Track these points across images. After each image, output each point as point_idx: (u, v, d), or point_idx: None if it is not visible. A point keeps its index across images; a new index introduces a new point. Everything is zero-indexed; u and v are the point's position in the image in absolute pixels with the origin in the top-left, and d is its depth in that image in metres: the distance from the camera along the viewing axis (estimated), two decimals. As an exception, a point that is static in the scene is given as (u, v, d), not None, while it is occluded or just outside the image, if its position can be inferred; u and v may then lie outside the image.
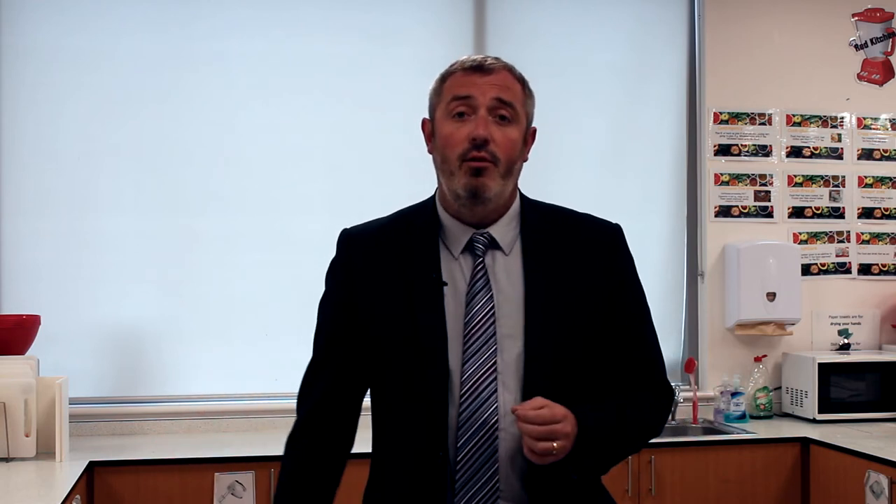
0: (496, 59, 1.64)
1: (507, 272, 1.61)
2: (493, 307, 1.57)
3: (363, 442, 1.73)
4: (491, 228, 1.62)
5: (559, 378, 1.55)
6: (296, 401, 1.74)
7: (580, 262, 1.62)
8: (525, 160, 1.66)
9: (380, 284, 1.63)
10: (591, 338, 1.59)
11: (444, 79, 1.67)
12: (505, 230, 1.63)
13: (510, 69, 1.63)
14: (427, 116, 1.69)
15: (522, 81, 1.64)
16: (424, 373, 1.54)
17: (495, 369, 1.54)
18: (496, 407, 1.52)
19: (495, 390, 1.53)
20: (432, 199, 1.70)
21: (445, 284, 1.59)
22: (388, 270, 1.63)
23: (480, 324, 1.56)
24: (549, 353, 1.54)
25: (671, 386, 1.69)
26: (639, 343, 1.65)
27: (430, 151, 1.67)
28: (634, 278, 1.68)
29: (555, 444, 1.44)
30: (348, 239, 1.74)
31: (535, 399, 1.47)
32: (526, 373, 1.54)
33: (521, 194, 1.69)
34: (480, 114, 1.57)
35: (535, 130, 1.67)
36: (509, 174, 1.59)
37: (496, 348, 1.55)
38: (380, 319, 1.60)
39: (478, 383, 1.53)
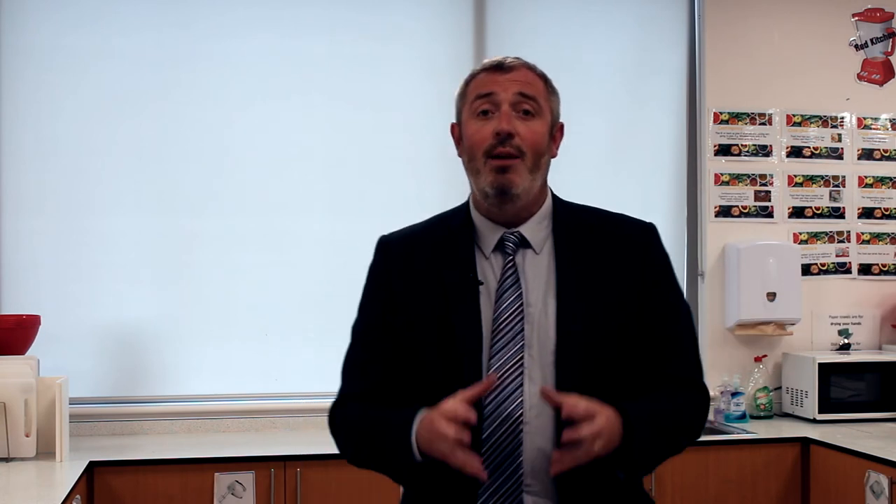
0: (516, 58, 1.67)
1: (538, 270, 1.62)
2: (521, 305, 1.58)
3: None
4: (521, 227, 1.64)
5: (589, 374, 1.55)
6: (330, 408, 1.71)
7: (612, 260, 1.63)
8: (554, 156, 1.69)
9: (417, 286, 1.64)
10: (622, 336, 1.59)
11: (467, 82, 1.71)
12: (536, 229, 1.65)
13: (531, 67, 1.67)
14: (455, 121, 1.73)
15: (544, 78, 1.67)
16: (459, 372, 1.55)
17: (522, 364, 1.54)
18: (521, 401, 1.53)
19: (521, 384, 1.53)
20: (466, 202, 1.72)
21: (482, 283, 1.60)
22: (424, 272, 1.64)
23: (508, 320, 1.57)
24: (580, 349, 1.54)
25: (706, 387, 1.68)
26: (675, 342, 1.64)
27: (459, 155, 1.71)
28: (670, 277, 1.67)
29: (586, 432, 1.42)
30: (386, 244, 1.75)
31: (574, 397, 1.46)
32: (557, 369, 1.54)
33: (553, 194, 1.71)
34: (503, 109, 1.60)
35: (562, 126, 1.70)
36: (537, 168, 1.61)
37: (523, 344, 1.55)
38: (417, 319, 1.62)
39: (504, 377, 1.54)
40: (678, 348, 1.65)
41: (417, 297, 1.63)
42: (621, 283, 1.61)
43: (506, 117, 1.58)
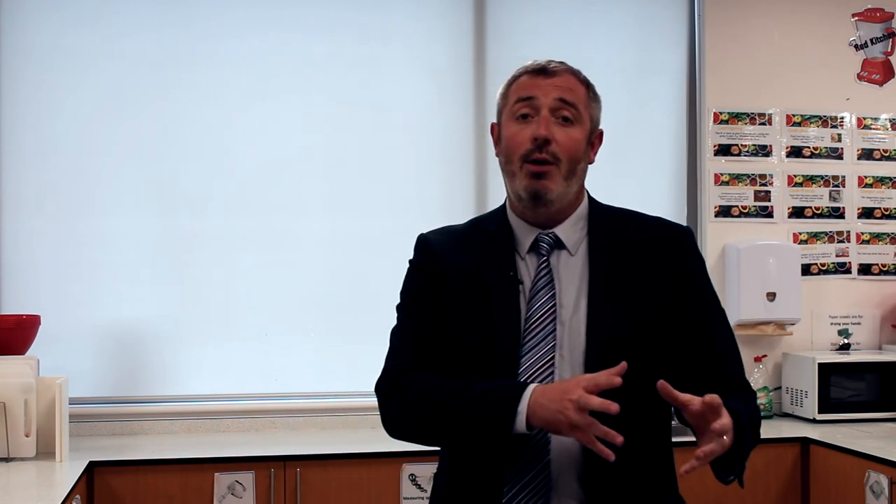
0: (561, 62, 1.68)
1: (571, 271, 1.63)
2: (553, 305, 1.59)
3: (361, 443, 1.73)
4: (556, 229, 1.65)
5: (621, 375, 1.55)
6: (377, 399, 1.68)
7: (647, 263, 1.64)
8: (591, 162, 1.70)
9: (459, 280, 1.65)
10: (653, 338, 1.59)
11: (510, 83, 1.70)
12: (571, 230, 1.66)
13: (574, 72, 1.67)
14: (495, 121, 1.73)
15: (587, 84, 1.68)
16: (493, 368, 1.55)
17: (553, 364, 1.55)
18: None
19: (551, 383, 1.53)
20: (503, 205, 1.74)
21: (521, 283, 1.61)
22: (466, 269, 1.65)
23: (540, 320, 1.58)
24: (610, 350, 1.54)
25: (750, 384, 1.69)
26: (722, 344, 1.66)
27: (497, 154, 1.70)
28: (705, 280, 1.69)
29: (719, 425, 1.41)
30: (427, 240, 1.76)
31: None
32: (587, 370, 1.54)
33: (590, 196, 1.72)
34: (542, 114, 1.60)
35: (601, 133, 1.71)
36: (572, 175, 1.62)
37: (555, 343, 1.57)
38: (458, 312, 1.62)
39: (534, 376, 1.54)
40: (725, 349, 1.67)
41: (460, 290, 1.64)
42: (655, 285, 1.62)
43: (544, 123, 1.59)
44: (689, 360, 1.61)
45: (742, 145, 4.02)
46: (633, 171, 3.95)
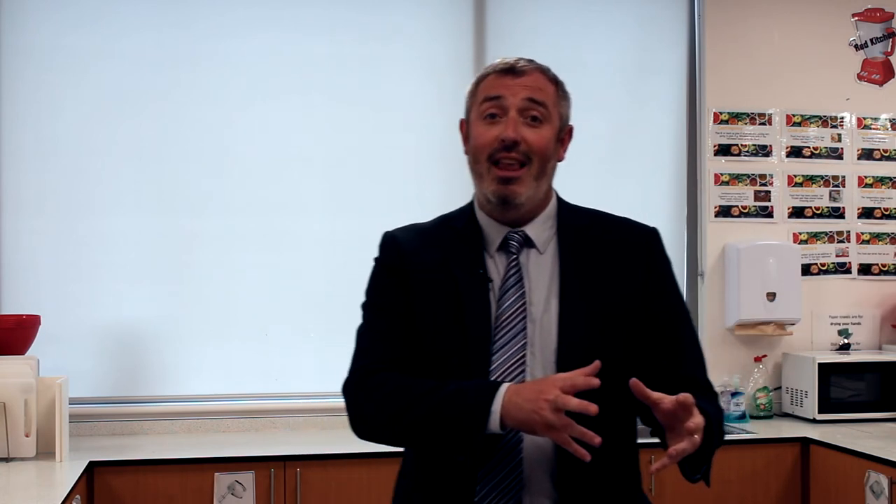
0: (529, 60, 1.66)
1: (541, 270, 1.62)
2: (524, 303, 1.58)
3: (361, 443, 1.72)
4: (526, 227, 1.65)
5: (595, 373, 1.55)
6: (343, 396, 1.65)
7: (616, 263, 1.63)
8: (561, 160, 1.68)
9: (429, 278, 1.63)
10: (625, 337, 1.59)
11: (478, 81, 1.68)
12: (540, 229, 1.65)
13: (543, 70, 1.66)
14: (464, 117, 1.71)
15: (556, 82, 1.66)
16: (467, 367, 1.54)
17: (524, 361, 1.55)
18: None
19: (522, 381, 1.53)
20: (470, 203, 1.72)
21: (491, 281, 1.60)
22: (435, 267, 1.64)
23: (510, 318, 1.57)
24: (581, 349, 1.54)
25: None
26: (687, 345, 1.66)
27: (465, 153, 1.69)
28: (673, 281, 1.68)
29: (693, 424, 1.41)
30: (393, 237, 1.73)
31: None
32: (558, 368, 1.54)
33: (558, 196, 1.71)
34: (510, 115, 1.59)
35: (571, 129, 1.69)
36: (543, 174, 1.62)
37: (526, 342, 1.56)
38: (428, 309, 1.61)
39: (505, 374, 1.54)
40: (691, 351, 1.66)
41: (429, 288, 1.62)
42: (624, 285, 1.62)
43: (512, 124, 1.58)
44: (656, 362, 1.61)
45: (742, 145, 4.02)
46: (633, 171, 3.95)
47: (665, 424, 1.46)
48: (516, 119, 1.58)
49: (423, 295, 1.62)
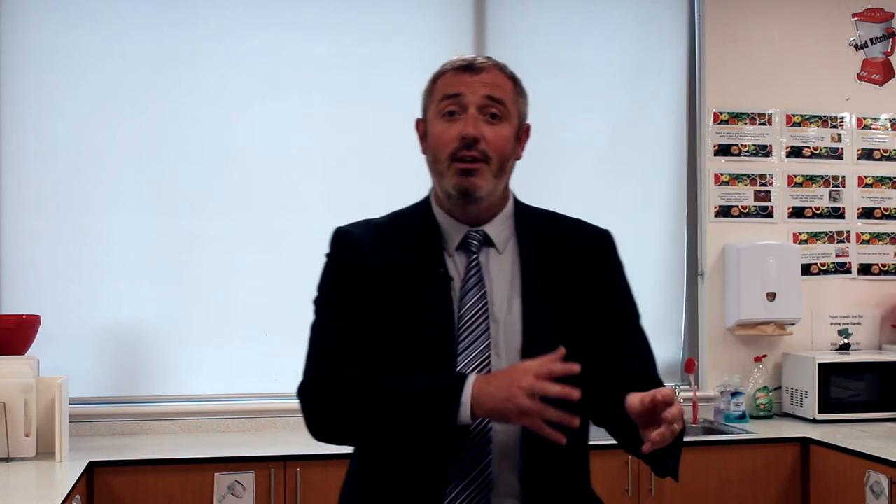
0: (487, 58, 1.65)
1: (501, 270, 1.62)
2: (486, 303, 1.57)
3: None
4: (485, 226, 1.64)
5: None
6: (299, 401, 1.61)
7: (574, 264, 1.64)
8: (518, 158, 1.67)
9: (388, 276, 1.60)
10: (586, 337, 1.60)
11: (435, 79, 1.67)
12: (499, 229, 1.64)
13: (501, 67, 1.64)
14: (421, 117, 1.70)
15: (514, 79, 1.64)
16: (432, 368, 1.53)
17: (489, 363, 1.54)
18: None
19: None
20: (427, 199, 1.71)
21: (451, 279, 1.59)
22: (393, 264, 1.61)
23: (473, 319, 1.56)
24: (546, 348, 1.51)
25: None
26: (641, 345, 1.69)
27: (423, 152, 1.68)
28: (626, 283, 1.71)
29: (672, 413, 1.42)
30: (346, 235, 1.71)
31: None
32: None
33: (515, 196, 1.70)
34: (470, 112, 1.58)
35: (528, 128, 1.68)
36: (502, 172, 1.60)
37: (490, 342, 1.55)
38: (389, 308, 1.58)
39: (470, 372, 1.52)
40: (644, 351, 1.69)
41: (388, 286, 1.59)
42: (583, 286, 1.63)
43: (472, 121, 1.56)
44: (611, 360, 1.63)
45: (742, 145, 4.02)
46: (633, 171, 3.95)
47: (641, 423, 1.47)
48: (476, 116, 1.57)
49: (382, 292, 1.59)
